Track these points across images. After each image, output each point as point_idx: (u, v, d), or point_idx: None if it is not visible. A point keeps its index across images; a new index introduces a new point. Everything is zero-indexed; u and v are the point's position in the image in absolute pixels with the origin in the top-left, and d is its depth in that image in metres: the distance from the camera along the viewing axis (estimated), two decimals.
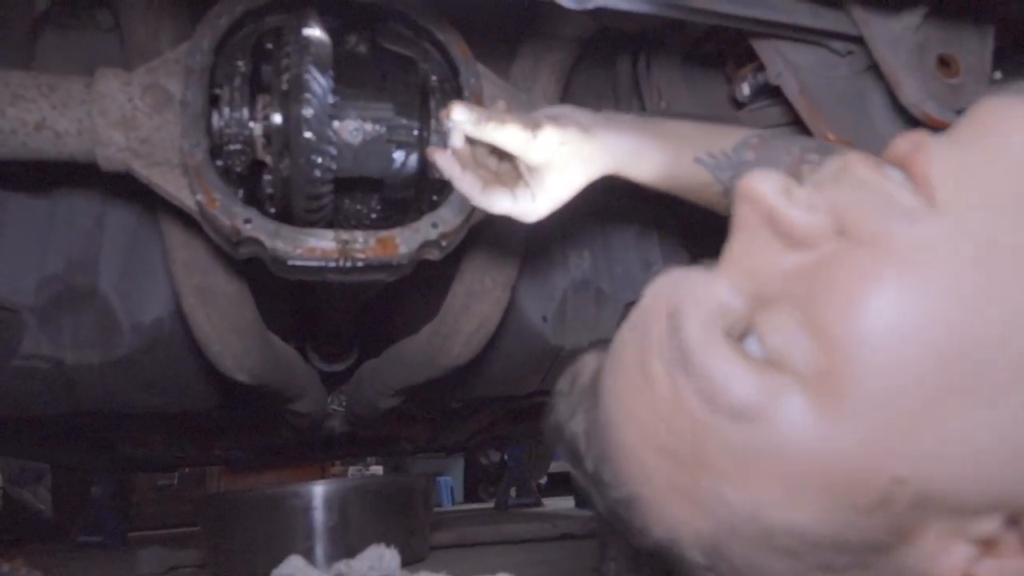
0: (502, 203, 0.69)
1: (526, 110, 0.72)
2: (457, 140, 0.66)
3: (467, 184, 0.67)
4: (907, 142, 0.37)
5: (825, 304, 0.35)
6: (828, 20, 0.81)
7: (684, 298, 0.38)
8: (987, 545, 0.35)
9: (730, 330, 0.37)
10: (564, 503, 3.10)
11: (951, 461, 0.33)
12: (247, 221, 0.72)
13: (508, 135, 0.64)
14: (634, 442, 0.39)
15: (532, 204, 0.70)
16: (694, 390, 0.36)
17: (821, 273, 0.36)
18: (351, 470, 4.29)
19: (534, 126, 0.65)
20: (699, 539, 0.38)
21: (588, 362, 0.48)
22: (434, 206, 0.80)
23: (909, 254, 0.34)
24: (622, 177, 0.74)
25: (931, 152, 0.36)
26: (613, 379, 0.41)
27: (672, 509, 0.38)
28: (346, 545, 1.25)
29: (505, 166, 0.70)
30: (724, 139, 0.73)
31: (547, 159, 0.67)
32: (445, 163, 0.67)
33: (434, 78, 0.81)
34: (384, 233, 0.76)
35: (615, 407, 0.41)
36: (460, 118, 0.63)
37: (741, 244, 0.40)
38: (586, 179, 0.71)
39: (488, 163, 0.71)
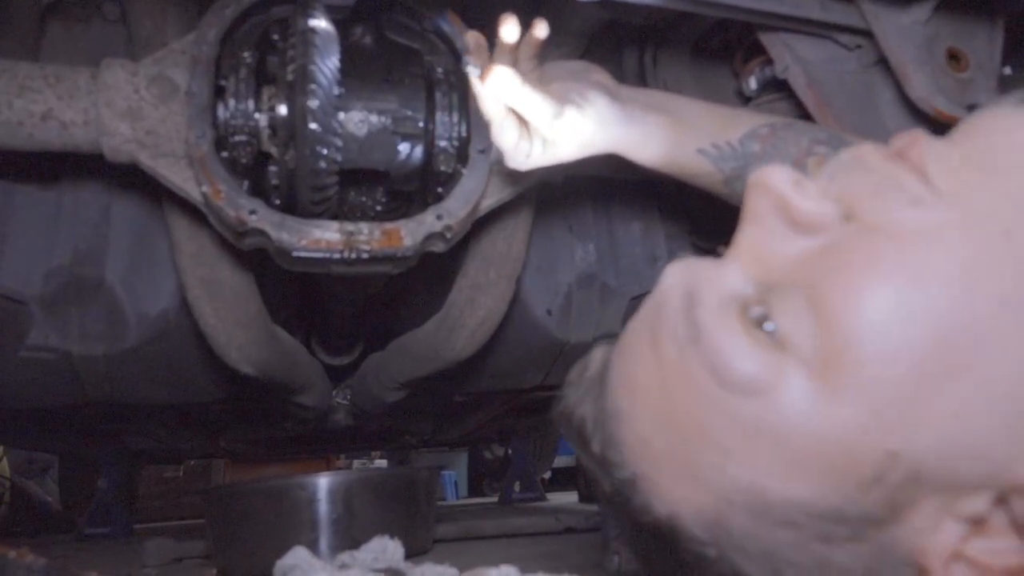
0: (507, 141, 0.70)
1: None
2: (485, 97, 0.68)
3: (494, 108, 0.68)
4: (904, 137, 0.39)
5: (831, 288, 0.36)
6: (837, 13, 0.81)
7: (701, 280, 0.40)
8: (976, 524, 0.36)
9: (743, 312, 0.38)
10: (568, 498, 3.10)
11: (943, 437, 0.35)
12: (252, 212, 0.72)
13: (530, 110, 0.66)
14: (640, 420, 0.41)
15: (525, 158, 0.72)
16: (703, 364, 0.38)
17: (828, 258, 0.37)
18: (356, 463, 4.30)
19: (557, 111, 0.67)
20: (699, 514, 0.39)
21: (597, 354, 0.49)
22: (439, 198, 0.79)
23: (914, 241, 0.36)
24: (623, 156, 0.76)
25: (926, 146, 0.38)
26: (623, 362, 0.43)
27: (674, 484, 0.39)
28: (350, 537, 1.25)
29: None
30: (733, 127, 0.73)
31: (555, 136, 0.70)
32: (491, 82, 0.65)
33: (439, 70, 0.80)
34: (389, 225, 0.76)
35: (623, 388, 0.42)
36: (500, 83, 0.63)
37: (752, 232, 0.41)
38: (584, 154, 0.74)
39: None
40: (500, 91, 0.64)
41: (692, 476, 0.38)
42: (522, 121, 0.71)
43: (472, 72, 0.67)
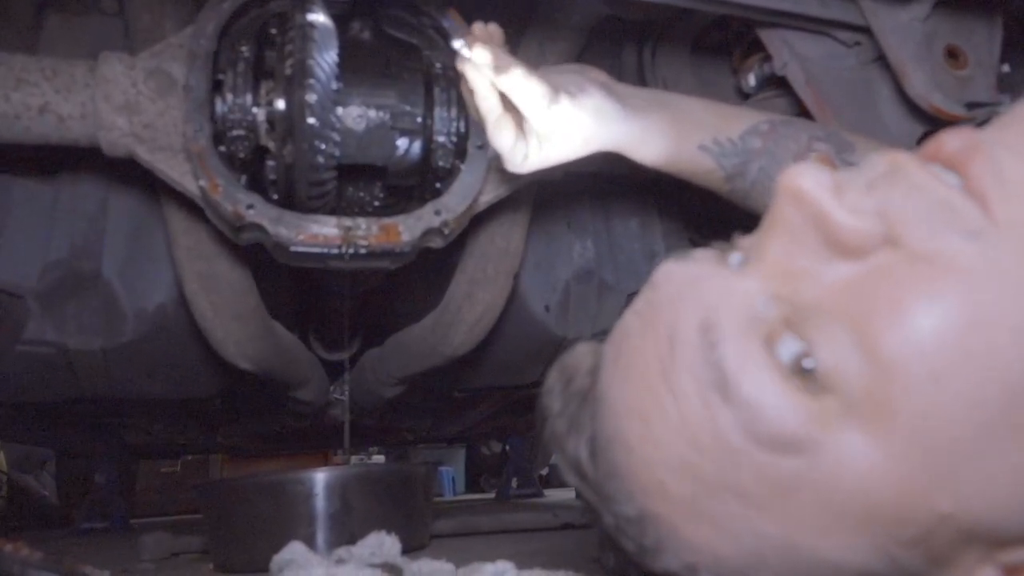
0: (504, 141, 0.69)
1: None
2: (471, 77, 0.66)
3: (490, 103, 0.66)
4: (957, 141, 0.35)
5: (881, 327, 0.32)
6: (836, 10, 0.81)
7: (718, 308, 0.36)
8: (1012, 570, 0.35)
9: (770, 345, 0.34)
10: (565, 494, 3.11)
11: (999, 496, 0.32)
12: (250, 207, 0.72)
13: (523, 95, 0.64)
14: (654, 461, 0.36)
15: (523, 159, 0.70)
16: (733, 418, 0.34)
17: (877, 290, 0.33)
18: (353, 459, 4.30)
19: (552, 97, 0.65)
20: (719, 565, 0.36)
21: (582, 358, 0.46)
22: (437, 194, 0.79)
23: (974, 279, 0.32)
24: (622, 155, 0.74)
25: (989, 158, 0.34)
26: (625, 386, 0.38)
27: (693, 533, 0.36)
28: (347, 532, 1.25)
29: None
30: (734, 124, 0.72)
31: (551, 129, 0.68)
32: (477, 55, 0.63)
33: (438, 65, 0.80)
34: (387, 220, 0.76)
35: (628, 418, 0.38)
36: (479, 60, 0.62)
37: (780, 244, 0.36)
38: (583, 153, 0.72)
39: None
40: (487, 63, 0.62)
41: (716, 527, 0.35)
42: (517, 121, 0.70)
43: (462, 49, 0.65)
